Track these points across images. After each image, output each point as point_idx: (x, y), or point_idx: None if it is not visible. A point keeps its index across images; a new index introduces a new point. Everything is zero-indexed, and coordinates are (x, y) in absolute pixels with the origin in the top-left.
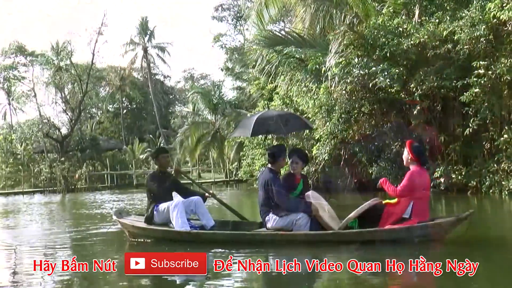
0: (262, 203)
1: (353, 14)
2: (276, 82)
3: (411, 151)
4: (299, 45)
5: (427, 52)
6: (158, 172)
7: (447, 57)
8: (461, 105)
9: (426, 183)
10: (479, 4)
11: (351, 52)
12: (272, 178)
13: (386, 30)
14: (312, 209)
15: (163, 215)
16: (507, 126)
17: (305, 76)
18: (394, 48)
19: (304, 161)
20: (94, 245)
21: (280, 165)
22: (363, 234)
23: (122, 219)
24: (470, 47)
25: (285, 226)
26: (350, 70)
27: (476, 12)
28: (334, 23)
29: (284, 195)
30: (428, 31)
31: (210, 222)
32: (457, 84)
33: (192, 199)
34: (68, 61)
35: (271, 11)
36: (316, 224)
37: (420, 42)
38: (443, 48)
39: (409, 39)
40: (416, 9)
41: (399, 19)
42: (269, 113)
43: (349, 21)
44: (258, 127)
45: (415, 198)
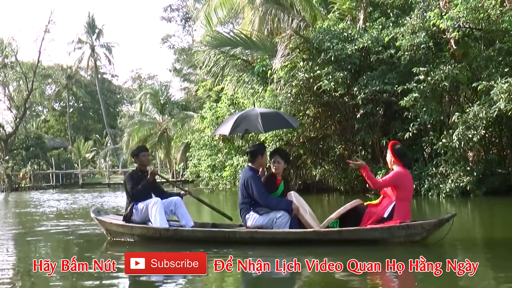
0: (242, 201)
1: (301, 18)
2: (223, 83)
3: (393, 153)
4: (247, 46)
5: (370, 57)
6: (138, 171)
7: (390, 62)
8: (402, 109)
9: (410, 185)
10: (420, 12)
11: (296, 55)
12: (252, 176)
13: (331, 34)
14: (293, 207)
15: (142, 213)
16: (446, 131)
17: (252, 78)
18: (338, 53)
19: (286, 160)
20: (35, 244)
21: (260, 163)
22: (343, 233)
23: (100, 217)
24: (411, 53)
25: (265, 224)
26: (296, 73)
27: (417, 20)
28: (282, 26)
29: (264, 193)
30: (372, 36)
31: (190, 223)
32: (398, 88)
33: (172, 199)
34: (13, 58)
35: (220, 13)
36: (296, 223)
37: (363, 47)
38: (386, 53)
39: (353, 44)
40: (361, 14)
41: (344, 24)
42: (252, 111)
43: (296, 24)
44: (237, 125)
45: (398, 198)
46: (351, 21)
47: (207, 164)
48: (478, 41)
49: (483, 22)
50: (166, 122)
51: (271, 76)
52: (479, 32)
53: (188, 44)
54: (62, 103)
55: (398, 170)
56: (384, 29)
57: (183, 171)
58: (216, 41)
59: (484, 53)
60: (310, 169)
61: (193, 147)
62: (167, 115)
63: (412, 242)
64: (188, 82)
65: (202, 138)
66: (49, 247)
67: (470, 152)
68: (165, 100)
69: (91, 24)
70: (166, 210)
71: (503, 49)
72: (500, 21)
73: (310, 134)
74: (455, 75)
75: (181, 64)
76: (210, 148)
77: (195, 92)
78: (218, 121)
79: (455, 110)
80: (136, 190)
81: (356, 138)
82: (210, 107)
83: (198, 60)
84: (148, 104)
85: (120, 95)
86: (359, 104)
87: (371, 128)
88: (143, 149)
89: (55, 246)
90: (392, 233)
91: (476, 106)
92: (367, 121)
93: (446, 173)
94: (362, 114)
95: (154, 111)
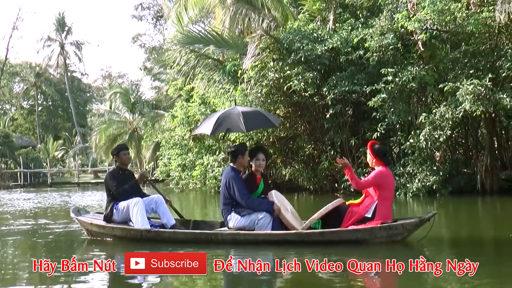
0: (223, 202)
1: (272, 18)
2: (193, 83)
3: (373, 153)
4: (218, 44)
5: (340, 57)
6: (118, 170)
7: (359, 63)
8: (371, 109)
9: (392, 184)
10: (389, 14)
11: (267, 55)
12: (233, 176)
13: (301, 35)
14: (274, 208)
15: (123, 213)
16: (413, 131)
17: (223, 77)
18: (308, 53)
19: (267, 158)
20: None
21: (241, 163)
22: (326, 234)
23: (80, 217)
24: (380, 54)
25: (247, 225)
26: (266, 73)
27: (385, 21)
28: (252, 26)
29: (245, 194)
30: (341, 37)
31: (171, 221)
32: (367, 89)
33: (153, 197)
34: None
35: (191, 12)
36: (278, 224)
37: (333, 48)
38: (355, 54)
39: (323, 45)
40: (331, 15)
41: (314, 25)
42: (233, 110)
43: (267, 25)
44: (218, 125)
45: (380, 198)
46: (321, 22)
47: (177, 163)
48: (445, 43)
49: (450, 24)
50: (136, 121)
51: (241, 75)
52: (446, 34)
53: (159, 43)
54: (31, 101)
55: (380, 169)
56: (353, 30)
57: (153, 170)
58: (188, 39)
59: (450, 55)
60: (280, 168)
61: (164, 146)
62: (138, 114)
63: (394, 242)
64: (159, 81)
65: (173, 137)
66: (17, 248)
67: (437, 152)
68: (135, 99)
69: (60, 21)
70: (147, 208)
71: (468, 51)
72: (465, 23)
73: (280, 134)
74: (423, 76)
75: (152, 63)
76: (180, 147)
77: (166, 91)
78: (189, 120)
79: (422, 110)
80: (122, 189)
81: (326, 138)
82: (181, 106)
83: (169, 58)
84: (118, 103)
85: (90, 93)
86: (328, 104)
87: (340, 128)
88: (123, 148)
89: (24, 246)
90: (374, 234)
91: (442, 107)
92: (336, 121)
93: (413, 173)
94: (331, 114)
95: (125, 110)
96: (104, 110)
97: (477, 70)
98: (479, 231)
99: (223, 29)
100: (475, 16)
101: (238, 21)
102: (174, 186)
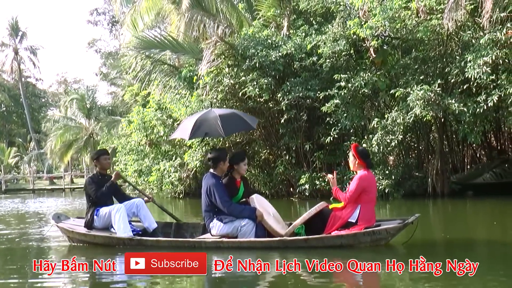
0: (205, 209)
1: (227, 24)
2: (150, 88)
3: (357, 155)
4: (174, 49)
5: (294, 63)
6: (98, 175)
7: (312, 69)
8: (325, 115)
9: (374, 187)
10: (341, 21)
11: (222, 61)
12: (214, 183)
13: (256, 41)
14: (257, 214)
15: (104, 219)
16: (366, 136)
17: (179, 83)
18: (263, 59)
19: None
20: None
21: (222, 169)
22: (310, 241)
23: (60, 223)
24: (333, 60)
25: (230, 232)
26: (221, 79)
27: (338, 28)
28: (208, 32)
29: (227, 201)
30: (295, 43)
31: (152, 225)
32: (320, 95)
33: (134, 201)
34: None
35: (146, 18)
36: (261, 229)
37: (287, 54)
38: (309, 60)
39: (277, 51)
40: (285, 22)
41: (269, 31)
42: (210, 113)
43: (222, 31)
44: (196, 129)
45: (362, 202)
46: (275, 28)
47: (134, 169)
48: (396, 49)
49: (401, 31)
50: (92, 127)
51: (197, 81)
52: (397, 40)
53: (115, 48)
54: None
55: (361, 174)
56: (307, 36)
57: None
58: (143, 44)
59: (401, 61)
60: None
61: (120, 152)
62: (94, 120)
63: (377, 245)
64: (115, 86)
65: (129, 142)
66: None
67: (391, 156)
68: (91, 104)
69: (14, 26)
70: (128, 213)
71: (418, 57)
72: (415, 30)
73: (236, 139)
74: (375, 82)
75: (108, 68)
76: (136, 153)
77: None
78: (145, 125)
79: (375, 115)
80: (101, 192)
81: (281, 143)
82: (137, 111)
83: (124, 63)
84: (74, 108)
85: (45, 99)
86: (283, 109)
87: (295, 133)
88: (104, 152)
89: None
90: (358, 239)
91: (394, 112)
92: (291, 126)
93: None
94: (286, 120)
95: (80, 115)
96: (59, 116)
97: (427, 76)
98: (430, 232)
99: (178, 33)
100: (424, 24)
101: (193, 27)
102: (131, 192)
